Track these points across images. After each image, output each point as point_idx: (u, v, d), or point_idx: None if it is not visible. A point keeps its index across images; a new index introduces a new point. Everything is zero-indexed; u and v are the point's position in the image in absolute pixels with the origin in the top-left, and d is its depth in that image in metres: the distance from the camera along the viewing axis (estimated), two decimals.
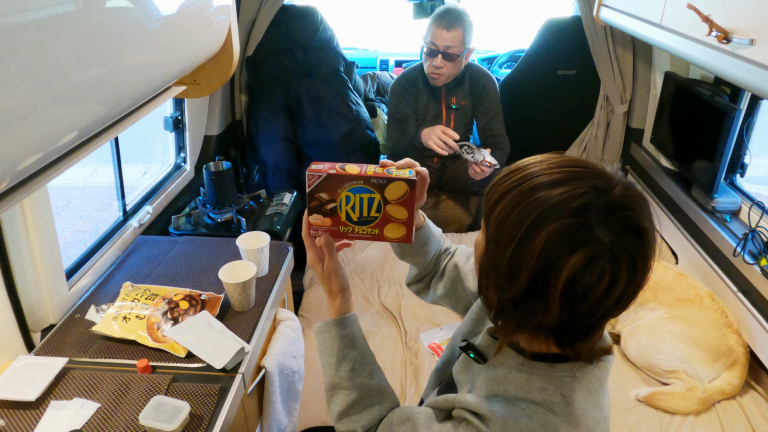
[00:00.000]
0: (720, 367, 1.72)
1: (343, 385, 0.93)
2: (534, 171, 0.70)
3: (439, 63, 2.38)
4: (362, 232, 0.92)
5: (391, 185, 0.88)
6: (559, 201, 0.66)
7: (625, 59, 2.63)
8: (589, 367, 0.78)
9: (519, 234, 0.67)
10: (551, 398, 0.75)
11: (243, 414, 1.38)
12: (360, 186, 0.88)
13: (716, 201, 2.03)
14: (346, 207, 0.90)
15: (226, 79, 1.44)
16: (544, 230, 0.66)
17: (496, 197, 0.72)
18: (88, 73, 0.80)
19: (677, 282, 1.90)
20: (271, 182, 2.67)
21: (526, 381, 0.77)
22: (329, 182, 0.87)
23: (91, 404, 1.16)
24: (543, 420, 0.73)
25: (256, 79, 2.67)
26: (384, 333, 2.01)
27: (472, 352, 0.86)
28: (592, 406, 0.77)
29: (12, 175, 0.73)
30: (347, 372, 0.93)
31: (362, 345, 0.96)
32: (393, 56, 3.56)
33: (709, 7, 1.36)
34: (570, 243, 0.65)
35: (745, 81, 1.29)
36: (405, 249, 1.08)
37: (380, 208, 0.90)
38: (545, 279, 0.66)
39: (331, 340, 0.94)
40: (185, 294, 1.44)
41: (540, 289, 0.67)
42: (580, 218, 0.65)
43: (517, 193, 0.69)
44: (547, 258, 0.66)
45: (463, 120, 2.61)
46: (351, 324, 0.95)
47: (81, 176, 4.55)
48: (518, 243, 0.67)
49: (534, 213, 0.67)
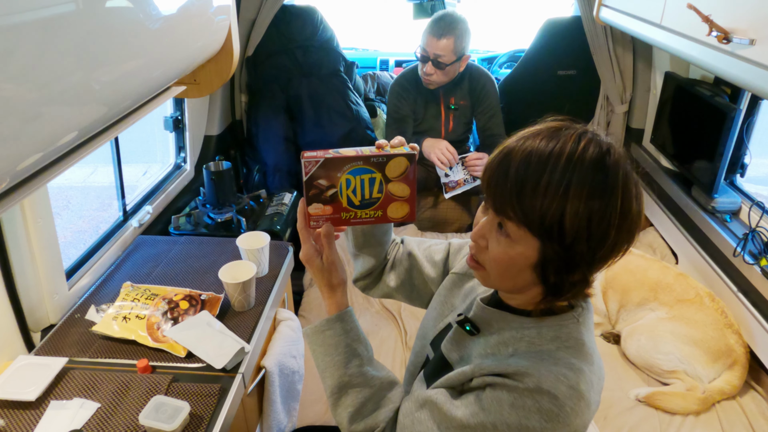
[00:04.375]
0: (720, 367, 1.72)
1: (355, 383, 0.87)
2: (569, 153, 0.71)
3: (428, 70, 2.38)
4: (365, 216, 0.88)
5: (392, 162, 0.85)
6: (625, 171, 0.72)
7: (625, 59, 2.63)
8: (585, 312, 0.83)
9: (618, 209, 0.71)
10: (565, 343, 0.79)
11: (243, 414, 1.38)
12: (360, 167, 0.84)
13: (716, 201, 2.03)
14: (347, 191, 0.85)
15: (226, 79, 1.44)
16: (632, 191, 0.73)
17: (555, 203, 0.69)
18: (88, 73, 0.80)
19: (677, 282, 1.90)
20: (271, 182, 2.67)
21: (537, 335, 0.80)
22: (327, 167, 0.83)
23: (91, 404, 1.16)
24: (567, 363, 0.76)
25: (256, 79, 2.67)
26: (384, 333, 2.01)
27: (467, 324, 0.87)
28: (594, 344, 0.83)
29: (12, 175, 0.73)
30: (357, 368, 0.87)
31: (365, 339, 0.92)
32: (393, 56, 3.56)
33: (709, 7, 1.36)
34: (639, 188, 0.74)
35: (745, 81, 1.29)
36: (368, 239, 1.05)
37: (382, 188, 0.87)
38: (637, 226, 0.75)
39: (335, 338, 0.89)
40: (185, 294, 1.44)
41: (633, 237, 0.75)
42: (633, 171, 0.74)
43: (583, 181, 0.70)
44: (639, 210, 0.74)
45: (462, 120, 2.61)
46: (353, 317, 0.91)
47: (81, 176, 4.54)
48: (621, 215, 0.72)
49: (617, 191, 0.71)
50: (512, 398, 0.73)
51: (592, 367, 0.78)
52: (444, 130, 2.60)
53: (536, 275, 0.76)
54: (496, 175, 0.74)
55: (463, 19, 2.35)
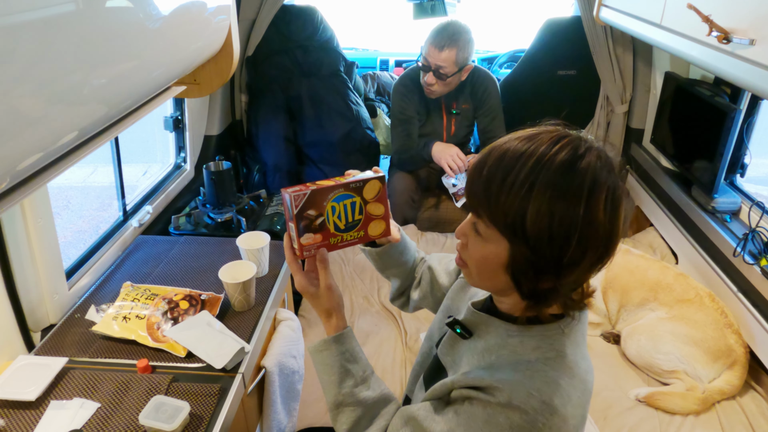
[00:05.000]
0: (720, 367, 1.72)
1: (348, 402, 0.91)
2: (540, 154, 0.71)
3: (429, 80, 2.39)
4: (350, 238, 0.95)
5: (367, 185, 0.93)
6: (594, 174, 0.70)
7: (625, 59, 2.63)
8: (573, 323, 0.81)
9: (581, 215, 0.69)
10: (546, 355, 0.78)
11: (243, 414, 1.38)
12: (342, 193, 0.91)
13: (716, 201, 2.03)
14: (333, 218, 0.92)
15: (226, 79, 1.44)
16: (600, 200, 0.70)
17: (518, 201, 0.70)
18: (88, 73, 0.80)
19: (677, 282, 1.90)
20: (271, 182, 2.67)
21: (519, 344, 0.80)
22: (314, 198, 0.89)
23: (91, 404, 1.16)
24: (543, 376, 0.75)
25: (256, 79, 2.67)
26: (384, 333, 2.01)
27: (458, 327, 0.88)
28: (581, 357, 0.80)
29: (12, 175, 0.73)
30: (350, 388, 0.92)
31: (362, 358, 0.95)
32: (393, 56, 3.57)
33: (709, 7, 1.36)
34: (614, 201, 0.71)
35: (745, 81, 1.29)
36: (385, 262, 1.12)
37: (362, 210, 0.94)
38: (610, 240, 0.72)
39: (331, 358, 0.93)
40: (185, 294, 1.44)
41: (607, 251, 0.73)
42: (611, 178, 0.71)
43: (547, 187, 0.69)
44: (609, 221, 0.71)
45: (464, 123, 2.61)
46: (350, 339, 0.95)
47: (81, 176, 4.54)
48: (584, 222, 0.70)
49: (583, 193, 0.69)
50: (486, 414, 0.74)
51: (572, 380, 0.76)
52: (446, 133, 2.60)
53: (509, 277, 0.76)
54: (472, 173, 0.76)
55: (466, 29, 2.34)
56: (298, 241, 0.90)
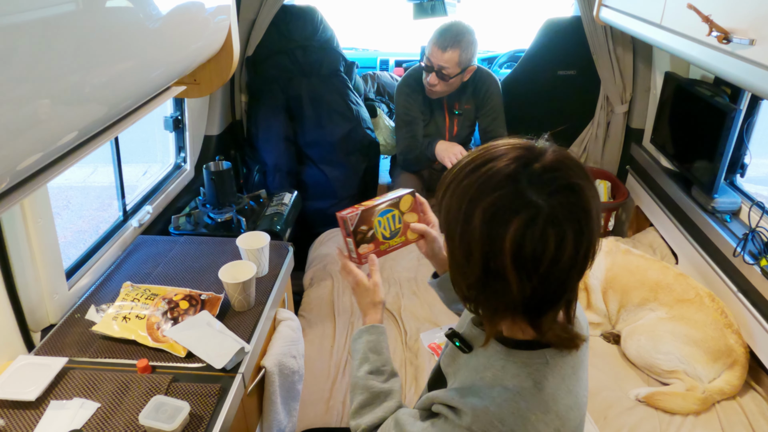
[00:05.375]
0: (720, 367, 1.72)
1: (359, 385, 1.00)
2: (464, 161, 0.76)
3: (432, 81, 2.39)
4: (395, 243, 1.16)
5: (402, 200, 1.14)
6: (487, 177, 0.70)
7: (625, 59, 2.63)
8: (562, 354, 0.79)
9: (461, 217, 0.72)
10: (522, 384, 0.76)
11: (243, 414, 1.38)
12: (385, 208, 1.12)
13: (716, 201, 2.03)
14: (380, 229, 1.13)
15: (226, 79, 1.44)
16: (479, 207, 0.70)
17: (440, 194, 0.78)
18: (88, 73, 0.80)
19: (677, 282, 1.90)
20: (271, 182, 2.67)
21: (501, 368, 0.79)
22: (364, 216, 1.10)
23: (91, 404, 1.16)
24: (513, 407, 0.74)
25: (256, 79, 2.67)
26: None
27: (457, 340, 0.89)
28: (564, 392, 0.78)
29: (12, 175, 0.73)
30: (364, 374, 1.00)
31: (385, 353, 1.04)
32: (393, 56, 3.56)
33: (709, 7, 1.36)
34: (506, 212, 0.68)
35: (745, 81, 1.29)
36: (447, 294, 1.18)
37: (400, 220, 1.14)
38: (494, 253, 0.69)
39: (360, 344, 1.05)
40: (185, 294, 1.44)
41: (494, 265, 0.70)
42: (509, 188, 0.69)
43: (456, 182, 0.75)
44: (489, 232, 0.69)
45: (467, 123, 2.62)
46: (379, 333, 1.06)
47: (81, 176, 4.54)
48: (462, 226, 0.72)
49: (468, 194, 0.71)
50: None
51: (545, 416, 0.74)
52: (448, 133, 2.61)
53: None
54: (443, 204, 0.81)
55: (470, 30, 2.33)
56: (357, 252, 1.11)
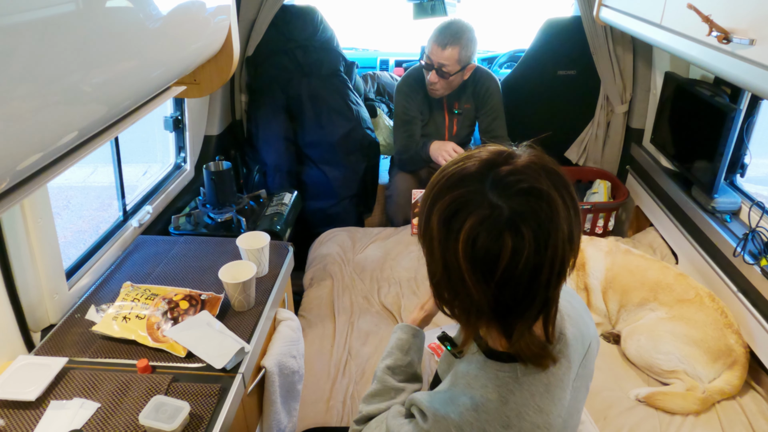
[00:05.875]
0: (720, 367, 1.72)
1: (377, 376, 1.08)
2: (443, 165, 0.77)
3: (432, 79, 2.39)
4: None
5: None
6: (451, 176, 0.71)
7: (625, 59, 2.63)
8: (536, 371, 0.77)
9: (423, 215, 0.74)
10: (488, 395, 0.76)
11: (243, 414, 1.38)
12: None
13: (716, 201, 2.03)
14: None
15: (226, 79, 1.44)
16: (438, 203, 0.71)
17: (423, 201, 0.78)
18: (88, 73, 0.80)
19: (677, 282, 1.90)
20: (271, 182, 2.67)
21: (474, 377, 0.79)
22: None
23: (91, 404, 1.16)
24: (473, 416, 0.74)
25: (256, 79, 2.67)
26: (384, 333, 2.01)
27: (449, 344, 0.90)
28: (532, 410, 0.75)
29: (12, 175, 0.73)
30: (384, 366, 1.08)
31: (412, 355, 1.09)
32: (393, 56, 3.57)
33: (709, 7, 1.36)
34: (462, 210, 0.68)
35: (745, 81, 1.29)
36: None
37: None
38: (449, 250, 0.69)
39: (393, 339, 1.12)
40: (185, 294, 1.44)
41: (450, 263, 0.70)
42: (471, 187, 0.69)
43: (429, 186, 0.76)
44: (444, 229, 0.69)
45: (466, 123, 2.62)
46: (413, 333, 1.11)
47: (81, 176, 4.54)
48: (424, 223, 0.74)
49: (432, 192, 0.73)
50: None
51: (505, 430, 0.73)
52: (448, 133, 2.61)
53: None
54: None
55: (470, 28, 2.34)
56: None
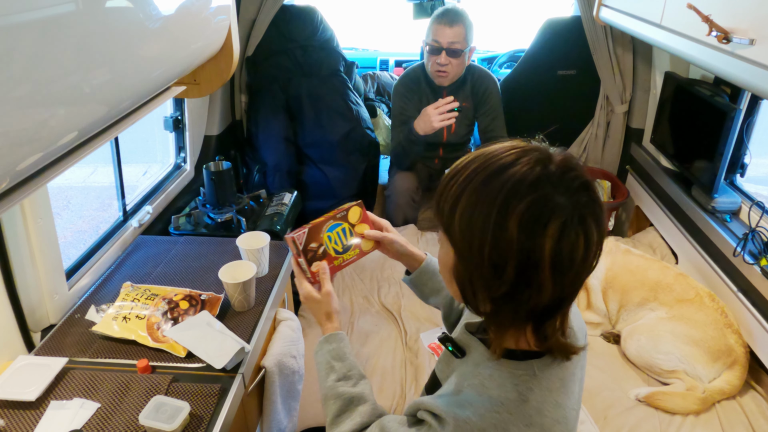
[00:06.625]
0: (720, 367, 1.72)
1: (330, 395, 0.98)
2: (470, 167, 0.73)
3: (443, 60, 2.37)
4: (349, 257, 1.13)
5: (350, 211, 1.13)
6: (515, 182, 0.68)
7: (625, 59, 2.63)
8: (551, 367, 0.78)
9: (491, 227, 0.68)
10: (507, 395, 0.75)
11: (243, 414, 1.38)
12: (333, 223, 1.11)
13: (716, 201, 2.03)
14: (331, 245, 1.11)
15: (226, 79, 1.44)
16: (513, 214, 0.67)
17: (449, 205, 0.73)
18: (88, 73, 0.80)
19: (677, 282, 1.90)
20: (271, 182, 2.67)
21: (488, 377, 0.78)
22: (312, 233, 1.08)
23: (91, 404, 1.16)
24: (495, 418, 0.73)
25: (256, 79, 2.67)
26: (384, 333, 2.01)
27: (450, 345, 0.87)
28: (551, 405, 0.76)
29: (12, 175, 0.73)
30: (333, 382, 0.99)
31: (350, 359, 1.01)
32: (393, 56, 3.57)
33: (709, 7, 1.36)
34: (540, 217, 0.66)
35: (745, 81, 1.29)
36: (420, 289, 1.18)
37: (351, 233, 1.13)
38: (531, 261, 0.67)
39: (322, 356, 1.02)
40: (185, 294, 1.44)
41: (529, 273, 0.68)
42: (539, 192, 0.67)
43: (472, 191, 0.71)
44: (525, 240, 0.67)
45: (465, 122, 2.61)
46: (340, 339, 1.03)
47: (81, 176, 4.54)
48: (493, 236, 0.68)
49: (497, 201, 0.68)
50: None
51: (527, 429, 0.73)
52: (446, 131, 2.60)
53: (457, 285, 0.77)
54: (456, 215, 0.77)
55: (466, 12, 2.40)
56: (309, 271, 1.08)
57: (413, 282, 1.18)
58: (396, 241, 1.14)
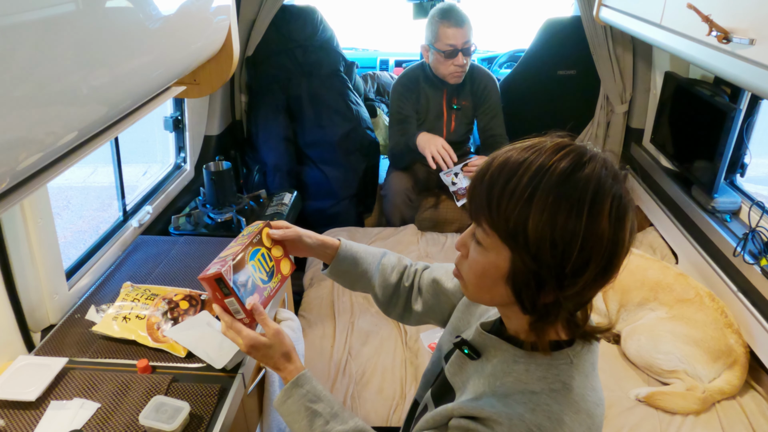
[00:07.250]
0: (720, 367, 1.72)
1: None
2: (542, 162, 0.70)
3: (462, 61, 2.39)
4: (275, 284, 1.04)
5: (262, 235, 1.05)
6: (598, 179, 0.69)
7: (625, 59, 2.63)
8: (582, 353, 0.79)
9: (583, 223, 0.67)
10: (551, 386, 0.75)
11: (243, 414, 1.38)
12: (253, 249, 1.02)
13: (716, 201, 2.03)
14: (257, 274, 1.01)
15: (226, 79, 1.44)
16: (604, 211, 0.68)
17: (519, 208, 0.69)
18: (87, 74, 0.80)
19: (677, 282, 1.90)
20: (271, 182, 2.67)
21: (524, 372, 0.77)
22: (237, 265, 0.97)
23: (91, 404, 1.16)
24: (546, 411, 0.73)
25: (256, 79, 2.67)
26: (384, 333, 2.01)
27: (466, 347, 0.86)
28: (589, 390, 0.78)
29: (12, 175, 0.73)
30: (321, 427, 0.92)
31: (326, 396, 0.95)
32: (393, 56, 3.57)
33: (709, 7, 1.36)
34: (620, 210, 0.69)
35: (745, 81, 1.29)
36: (344, 279, 1.14)
37: (270, 257, 1.05)
38: (614, 254, 0.70)
39: (296, 404, 0.94)
40: (185, 294, 1.44)
41: (609, 266, 0.71)
42: (615, 186, 0.70)
43: (548, 190, 0.68)
44: (613, 235, 0.69)
45: (464, 120, 2.61)
46: (309, 379, 0.96)
47: (81, 176, 4.54)
48: (587, 230, 0.67)
49: (586, 199, 0.68)
50: None
51: (577, 416, 0.73)
52: (446, 130, 2.60)
53: (509, 289, 0.74)
54: (474, 180, 0.75)
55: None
56: (244, 309, 0.96)
57: (334, 272, 1.12)
58: (302, 233, 1.09)
